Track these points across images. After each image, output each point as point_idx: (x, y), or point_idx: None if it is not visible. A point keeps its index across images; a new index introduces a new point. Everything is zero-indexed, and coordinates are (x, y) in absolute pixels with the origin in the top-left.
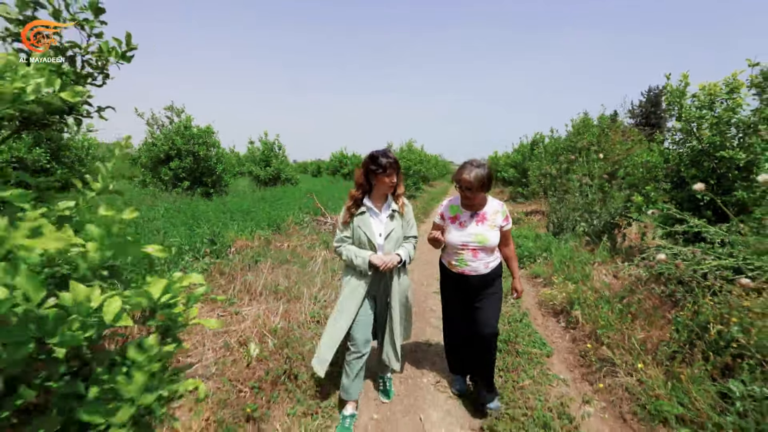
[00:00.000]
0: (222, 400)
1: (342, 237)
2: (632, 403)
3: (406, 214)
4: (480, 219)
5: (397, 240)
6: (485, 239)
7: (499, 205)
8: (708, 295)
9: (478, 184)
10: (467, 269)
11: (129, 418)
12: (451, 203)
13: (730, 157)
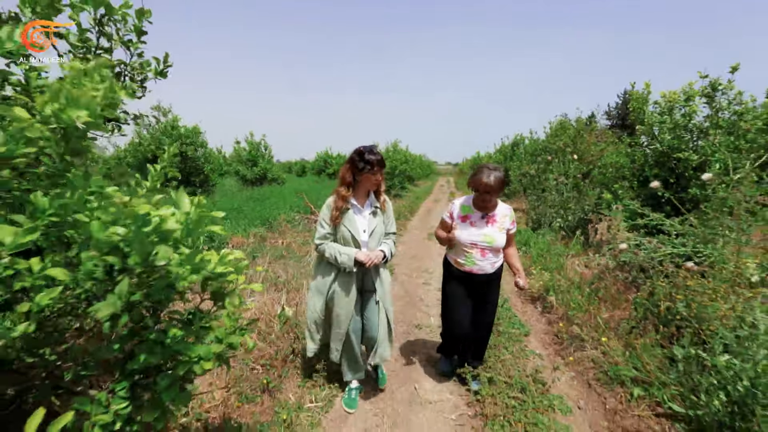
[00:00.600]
0: (238, 376)
1: (324, 234)
2: (596, 370)
3: (387, 211)
4: (490, 221)
5: (379, 236)
6: (494, 240)
7: (508, 209)
8: (661, 279)
9: (498, 186)
10: (475, 268)
11: (217, 352)
12: (462, 203)
13: (685, 158)
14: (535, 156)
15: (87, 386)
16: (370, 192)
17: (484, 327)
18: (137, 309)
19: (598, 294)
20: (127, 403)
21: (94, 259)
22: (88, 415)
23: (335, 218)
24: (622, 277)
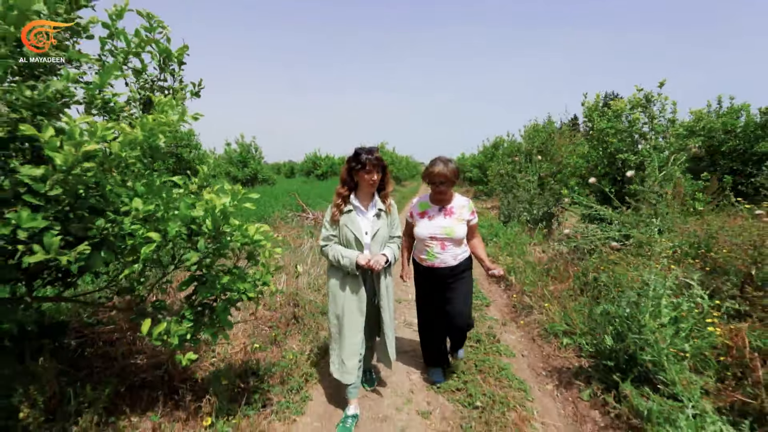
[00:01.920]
0: (251, 333)
1: (328, 236)
2: (539, 329)
3: (392, 214)
4: (447, 213)
5: (383, 239)
6: (452, 231)
7: (466, 200)
8: (593, 256)
9: (453, 176)
10: (437, 262)
11: (257, 288)
12: (420, 201)
13: (626, 159)
14: (510, 157)
15: (164, 314)
16: (374, 194)
17: (455, 318)
18: (210, 258)
19: (550, 272)
20: (191, 324)
21: (180, 227)
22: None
23: (335, 217)
24: (570, 258)
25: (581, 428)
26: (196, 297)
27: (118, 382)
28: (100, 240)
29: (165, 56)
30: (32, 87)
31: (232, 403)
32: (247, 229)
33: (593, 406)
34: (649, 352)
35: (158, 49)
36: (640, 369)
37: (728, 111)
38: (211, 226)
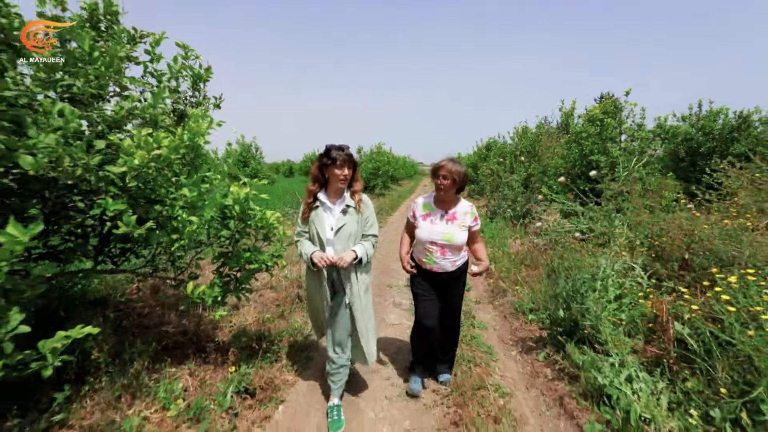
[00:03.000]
0: (261, 310)
1: (300, 231)
2: (511, 308)
3: (364, 212)
4: (450, 218)
5: (349, 236)
6: (452, 238)
7: (469, 206)
8: (559, 246)
9: (456, 176)
10: (435, 267)
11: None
12: (424, 201)
13: (596, 160)
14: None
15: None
16: (343, 191)
17: (449, 323)
18: (238, 236)
19: (525, 262)
20: (221, 289)
21: (214, 212)
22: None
23: (304, 214)
24: (543, 249)
25: (534, 381)
26: (224, 269)
27: (156, 343)
28: (157, 222)
29: (197, 78)
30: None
31: (250, 358)
32: (266, 213)
33: (546, 365)
34: (588, 318)
35: (192, 73)
36: (582, 332)
37: (708, 114)
38: (239, 210)
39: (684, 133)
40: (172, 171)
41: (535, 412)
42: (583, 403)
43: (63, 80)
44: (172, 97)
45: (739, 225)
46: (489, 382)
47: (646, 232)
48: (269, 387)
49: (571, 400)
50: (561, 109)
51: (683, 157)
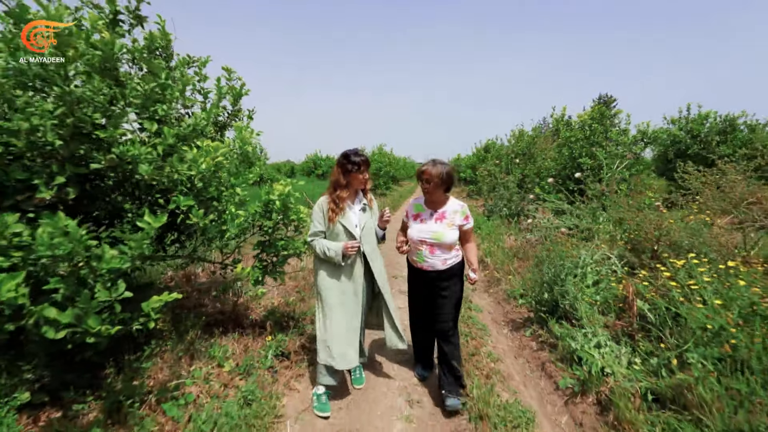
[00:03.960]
0: (283, 295)
1: (316, 232)
2: (504, 295)
3: (375, 208)
4: (439, 217)
5: (371, 230)
6: (441, 236)
7: (459, 205)
8: (547, 240)
9: (438, 178)
10: (425, 265)
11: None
12: (416, 202)
13: (583, 162)
14: (498, 159)
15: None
16: (358, 190)
17: (443, 321)
18: (279, 226)
19: (517, 255)
20: (261, 271)
21: (258, 207)
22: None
23: (332, 217)
24: (534, 243)
25: (521, 352)
26: (263, 255)
27: (203, 318)
28: (214, 215)
29: (237, 96)
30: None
31: (282, 330)
32: (300, 209)
33: (532, 339)
34: (567, 299)
35: (233, 92)
36: (562, 310)
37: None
38: (280, 205)
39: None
40: (225, 173)
41: (521, 373)
42: (560, 365)
43: (155, 107)
44: (219, 112)
45: (700, 221)
46: (482, 351)
47: (625, 227)
48: (301, 351)
49: (550, 365)
50: (552, 115)
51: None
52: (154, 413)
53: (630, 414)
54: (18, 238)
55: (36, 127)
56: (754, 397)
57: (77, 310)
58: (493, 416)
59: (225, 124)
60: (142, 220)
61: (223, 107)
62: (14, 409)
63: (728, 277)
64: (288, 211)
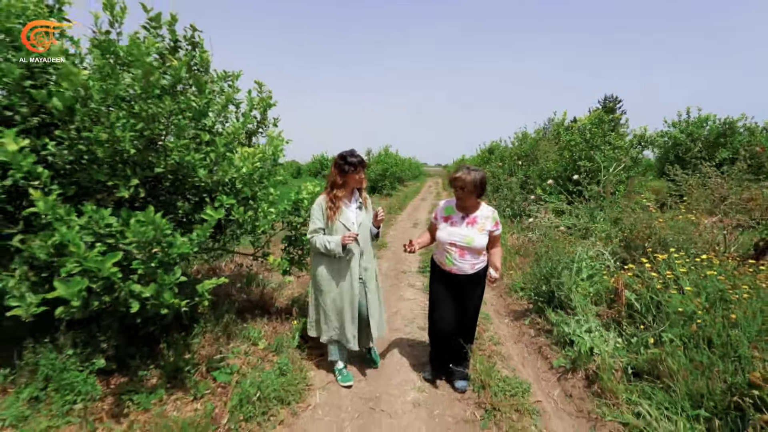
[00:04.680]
0: (302, 287)
1: (315, 229)
2: (506, 288)
3: (369, 206)
4: (470, 221)
5: (367, 227)
6: (472, 240)
7: (491, 211)
8: (548, 238)
9: (472, 185)
10: (454, 268)
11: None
12: (447, 204)
13: (582, 165)
14: (501, 161)
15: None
16: (354, 190)
17: (464, 325)
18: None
19: (519, 252)
20: (288, 263)
21: (288, 205)
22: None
23: (331, 215)
24: (535, 241)
25: (521, 338)
26: (290, 248)
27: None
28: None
29: (266, 107)
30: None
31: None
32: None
33: (530, 327)
34: (562, 290)
35: (263, 104)
36: (557, 300)
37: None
38: (309, 203)
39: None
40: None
41: (519, 355)
42: (555, 348)
43: (203, 119)
44: (251, 121)
45: (687, 220)
46: (485, 336)
47: (621, 227)
48: None
49: (546, 348)
50: (552, 120)
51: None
52: (206, 379)
53: (612, 384)
54: (109, 229)
55: (118, 138)
56: (714, 366)
57: (156, 285)
58: (494, 386)
59: (254, 132)
60: (206, 213)
61: (254, 117)
62: (93, 373)
63: (702, 269)
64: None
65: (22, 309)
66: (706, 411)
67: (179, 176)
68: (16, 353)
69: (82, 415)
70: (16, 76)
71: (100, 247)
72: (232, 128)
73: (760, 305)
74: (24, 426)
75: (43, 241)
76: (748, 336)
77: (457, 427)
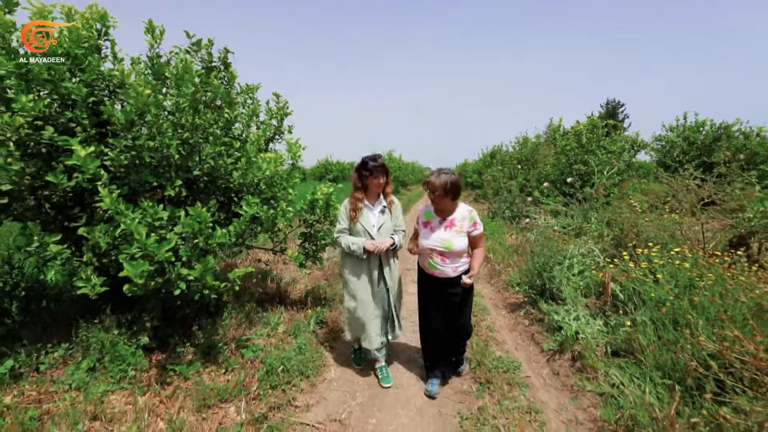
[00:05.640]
0: (314, 282)
1: (341, 229)
2: (504, 284)
3: (394, 211)
4: (448, 225)
5: (387, 231)
6: (450, 244)
7: (468, 211)
8: (543, 237)
9: (441, 188)
10: (437, 272)
11: None
12: (426, 209)
13: (578, 169)
14: (501, 165)
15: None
16: (379, 194)
17: (455, 328)
18: (319, 220)
19: (517, 251)
20: (305, 257)
21: (305, 204)
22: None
23: (353, 217)
24: (531, 240)
25: (516, 327)
26: (305, 244)
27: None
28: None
29: (283, 116)
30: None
31: (317, 306)
32: (337, 206)
33: (525, 317)
34: (554, 283)
35: (281, 113)
36: (549, 292)
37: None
38: (323, 203)
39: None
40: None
41: (513, 341)
42: (546, 335)
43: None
44: (270, 129)
45: (671, 220)
46: (482, 324)
47: (611, 226)
48: (336, 322)
49: (538, 335)
50: (550, 125)
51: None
52: (235, 356)
53: (593, 361)
54: (160, 221)
55: (167, 145)
56: (679, 343)
57: (201, 268)
58: (488, 364)
59: (271, 139)
60: (241, 209)
61: (273, 125)
62: (139, 348)
63: (676, 261)
64: (330, 207)
65: (88, 289)
66: (671, 380)
67: (212, 178)
68: (74, 331)
69: (133, 382)
70: (83, 94)
71: (154, 236)
72: (255, 136)
73: (719, 290)
74: (86, 389)
75: (106, 231)
76: (707, 315)
77: (455, 397)
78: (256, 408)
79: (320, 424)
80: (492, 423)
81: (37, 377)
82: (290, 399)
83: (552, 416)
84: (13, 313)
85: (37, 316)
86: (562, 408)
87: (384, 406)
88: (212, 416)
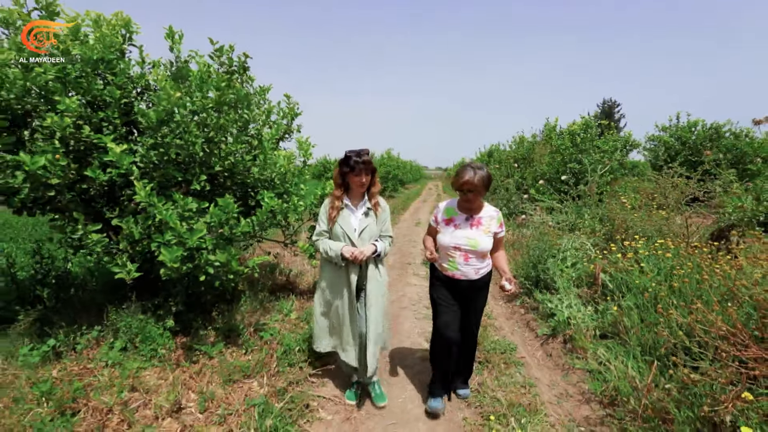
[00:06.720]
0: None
1: (320, 231)
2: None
3: (380, 215)
4: (475, 223)
5: (370, 237)
6: (477, 243)
7: (495, 211)
8: (538, 233)
9: (482, 184)
10: (458, 273)
11: None
12: (447, 206)
13: (572, 167)
14: (498, 164)
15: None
16: (364, 194)
17: (468, 333)
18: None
19: (514, 246)
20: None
21: (314, 198)
22: None
23: (332, 217)
24: (527, 236)
25: (512, 316)
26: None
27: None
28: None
29: (293, 116)
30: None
31: None
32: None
33: (521, 307)
34: (548, 274)
35: (291, 113)
36: (544, 282)
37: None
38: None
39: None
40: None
41: (510, 328)
42: (540, 321)
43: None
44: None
45: (659, 215)
46: None
47: (604, 221)
48: None
49: (533, 321)
50: (546, 125)
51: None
52: (254, 338)
53: (583, 342)
54: (189, 212)
55: (193, 143)
56: (659, 325)
57: (227, 254)
58: (486, 345)
59: (281, 137)
60: (264, 200)
61: (284, 124)
62: (166, 329)
63: (660, 252)
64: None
65: (123, 274)
66: (651, 356)
67: (231, 173)
68: (105, 315)
69: (163, 360)
70: (117, 96)
71: (185, 225)
72: (269, 135)
73: (696, 276)
74: (121, 366)
75: (140, 222)
76: (684, 299)
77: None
78: (277, 382)
79: (335, 397)
80: (491, 395)
81: (75, 356)
82: (306, 375)
83: (545, 390)
84: (45, 300)
85: (67, 303)
86: (554, 383)
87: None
88: (238, 389)
